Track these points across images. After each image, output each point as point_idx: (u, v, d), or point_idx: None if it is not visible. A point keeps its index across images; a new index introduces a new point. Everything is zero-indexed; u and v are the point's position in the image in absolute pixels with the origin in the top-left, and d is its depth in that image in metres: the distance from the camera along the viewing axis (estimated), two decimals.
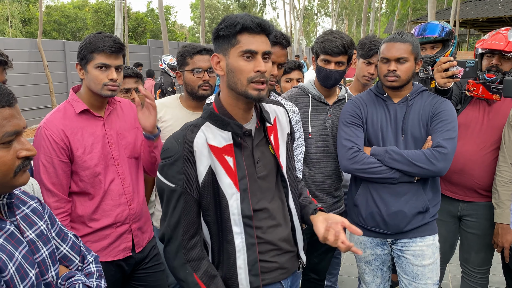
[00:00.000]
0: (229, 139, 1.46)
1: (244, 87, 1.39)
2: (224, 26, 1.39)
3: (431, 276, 2.16)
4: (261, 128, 1.56)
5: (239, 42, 1.38)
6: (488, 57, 2.48)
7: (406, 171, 2.03)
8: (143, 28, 26.08)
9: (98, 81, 1.90)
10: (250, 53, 1.38)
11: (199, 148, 1.43)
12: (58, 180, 1.89)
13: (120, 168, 2.01)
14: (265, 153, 1.55)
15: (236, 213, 1.44)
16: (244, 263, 1.46)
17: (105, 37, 1.90)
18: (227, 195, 1.44)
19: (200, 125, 1.47)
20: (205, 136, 1.45)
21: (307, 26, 45.35)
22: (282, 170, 1.57)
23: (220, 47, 1.42)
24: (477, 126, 2.48)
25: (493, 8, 18.51)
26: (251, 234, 1.46)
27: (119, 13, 10.38)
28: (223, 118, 1.46)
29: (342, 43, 2.22)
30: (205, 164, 1.43)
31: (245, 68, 1.38)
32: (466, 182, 2.51)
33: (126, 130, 2.08)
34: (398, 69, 2.06)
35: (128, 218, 2.02)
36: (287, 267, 1.57)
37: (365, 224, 2.20)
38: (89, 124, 1.96)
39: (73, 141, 1.90)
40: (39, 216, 1.25)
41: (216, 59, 1.45)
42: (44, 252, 1.20)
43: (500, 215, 2.37)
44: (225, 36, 1.39)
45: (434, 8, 11.26)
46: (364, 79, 2.91)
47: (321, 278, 2.66)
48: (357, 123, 2.17)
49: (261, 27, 1.38)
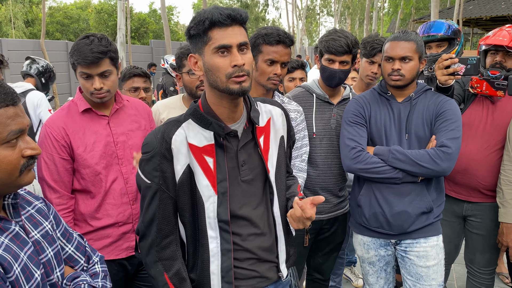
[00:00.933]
0: (210, 139, 1.40)
1: (225, 84, 1.32)
2: (194, 24, 1.32)
3: (436, 277, 2.14)
4: (250, 129, 1.47)
5: (211, 38, 1.30)
6: (492, 54, 2.46)
7: (410, 171, 2.01)
8: (146, 29, 26.13)
9: (85, 89, 1.92)
10: (224, 48, 1.30)
11: (177, 146, 1.37)
12: (59, 177, 1.91)
13: (124, 167, 2.00)
14: (253, 156, 1.47)
15: (212, 217, 1.40)
16: (217, 268, 1.42)
17: (84, 46, 1.85)
18: (204, 197, 1.39)
19: (181, 121, 1.41)
20: (185, 134, 1.39)
21: (310, 25, 45.31)
22: (269, 175, 1.48)
23: (195, 47, 1.36)
24: (481, 125, 2.46)
25: (497, 6, 18.43)
26: (227, 239, 1.41)
27: (121, 13, 10.39)
28: (206, 117, 1.39)
29: (347, 42, 2.21)
30: (183, 163, 1.38)
31: (222, 64, 1.30)
32: (470, 182, 2.49)
33: (134, 131, 2.07)
34: (402, 68, 2.04)
35: (130, 217, 2.02)
36: (267, 276, 1.51)
37: (369, 225, 2.19)
38: (92, 122, 1.97)
39: (74, 139, 1.92)
40: (44, 216, 1.25)
41: (193, 59, 1.38)
42: (50, 253, 1.20)
43: (504, 214, 2.35)
44: (196, 34, 1.33)
45: (437, 7, 11.22)
46: (368, 78, 2.90)
47: (326, 278, 2.65)
48: (361, 122, 2.16)
49: (231, 18, 1.30)
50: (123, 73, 2.78)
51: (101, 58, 1.87)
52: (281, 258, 1.54)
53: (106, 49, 1.88)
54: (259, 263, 1.48)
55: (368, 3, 24.33)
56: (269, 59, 2.06)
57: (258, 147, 1.48)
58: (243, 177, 1.44)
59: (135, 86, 2.77)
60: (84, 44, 1.87)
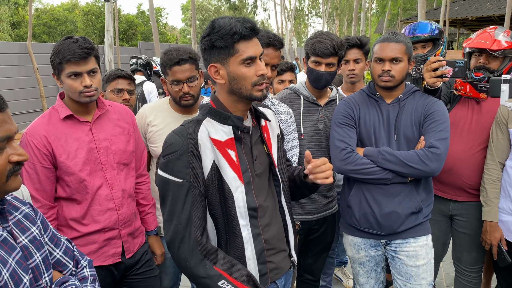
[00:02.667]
0: (230, 133, 1.48)
1: (249, 92, 1.44)
2: (219, 36, 1.39)
3: (425, 276, 2.17)
4: (257, 126, 1.59)
5: (238, 51, 1.40)
6: (476, 56, 2.49)
7: (399, 172, 2.03)
8: (134, 30, 25.97)
9: (73, 89, 1.88)
10: (251, 59, 1.41)
11: (203, 142, 1.44)
12: (41, 186, 1.88)
13: (108, 173, 1.98)
14: (261, 151, 1.58)
15: (242, 206, 1.47)
16: (252, 253, 1.49)
17: (71, 44, 1.84)
18: (232, 188, 1.46)
19: (201, 120, 1.49)
20: (207, 131, 1.46)
21: (298, 27, 45.42)
22: (275, 168, 1.59)
23: (216, 57, 1.43)
24: (466, 125, 2.49)
25: (482, 7, 18.69)
26: (255, 225, 1.50)
27: (109, 15, 10.32)
28: (223, 113, 1.48)
29: (332, 44, 2.23)
30: (210, 158, 1.44)
31: (248, 74, 1.42)
32: (455, 182, 2.52)
33: (117, 136, 2.05)
34: (392, 69, 2.06)
35: (117, 223, 2.00)
36: (281, 266, 1.60)
37: (359, 225, 2.21)
38: (74, 129, 1.93)
39: (56, 147, 1.88)
40: (31, 221, 1.24)
41: (214, 69, 1.45)
42: (38, 258, 1.19)
43: (488, 212, 2.39)
44: (222, 47, 1.40)
45: (424, 8, 11.33)
46: (349, 78, 2.94)
47: (316, 279, 2.66)
48: (350, 123, 2.17)
49: (254, 31, 1.41)
50: (107, 75, 2.76)
51: (90, 54, 1.87)
52: (291, 244, 1.66)
53: (92, 46, 1.89)
54: (274, 254, 1.57)
55: (356, 4, 24.47)
56: None
57: (264, 143, 1.59)
58: (256, 170, 1.54)
59: (119, 87, 2.75)
60: (70, 43, 1.85)
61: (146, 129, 2.35)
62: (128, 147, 2.08)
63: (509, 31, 2.44)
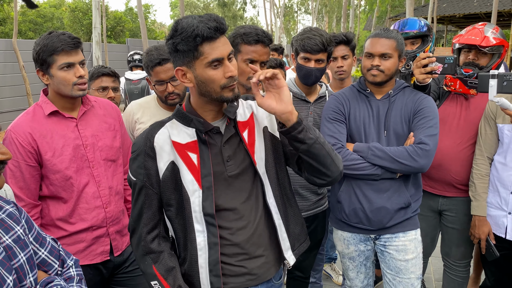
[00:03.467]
0: (193, 136, 1.46)
1: (219, 94, 1.38)
2: (182, 39, 1.32)
3: (414, 270, 2.19)
4: (231, 124, 1.51)
5: (202, 53, 1.33)
6: (465, 52, 2.51)
7: (389, 168, 2.04)
8: (122, 27, 25.74)
9: (66, 82, 1.83)
10: (218, 61, 1.34)
11: (160, 144, 1.44)
12: (25, 185, 1.84)
13: (95, 170, 1.95)
14: (238, 151, 1.50)
15: (197, 210, 1.44)
16: (205, 262, 1.45)
17: (60, 35, 1.82)
18: (189, 192, 1.44)
19: (165, 122, 1.50)
20: (169, 132, 1.46)
21: (288, 23, 45.44)
22: (257, 167, 1.51)
23: (182, 60, 1.37)
24: (455, 121, 2.51)
25: (469, 4, 18.88)
26: (213, 233, 1.45)
27: (97, 12, 10.21)
28: (187, 115, 1.46)
29: (322, 40, 2.22)
30: (166, 160, 1.44)
31: (216, 77, 1.35)
32: (444, 177, 2.54)
33: (103, 132, 2.02)
34: (382, 64, 2.07)
35: (104, 221, 1.97)
36: (257, 273, 1.51)
37: (348, 220, 2.21)
38: (60, 126, 1.89)
39: (42, 144, 1.84)
40: (15, 221, 1.22)
41: (180, 72, 1.40)
42: (22, 258, 1.17)
43: (476, 207, 2.41)
44: (185, 50, 1.33)
45: (412, 5, 11.41)
46: (337, 74, 2.94)
47: (306, 276, 2.66)
48: (340, 119, 2.17)
49: (218, 30, 1.32)
50: (91, 73, 2.72)
51: (80, 45, 1.86)
52: (284, 246, 1.56)
53: (80, 40, 1.88)
54: (248, 259, 1.50)
55: (345, 1, 24.55)
56: (248, 59, 2.05)
57: (242, 141, 1.50)
58: (230, 172, 1.48)
59: (104, 85, 2.71)
60: (58, 35, 1.83)
61: (134, 127, 2.33)
62: (114, 143, 2.05)
63: (498, 28, 2.46)
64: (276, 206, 1.56)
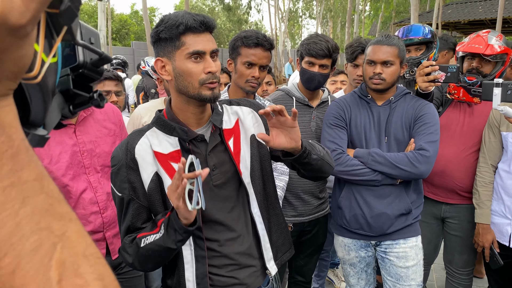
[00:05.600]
0: (176, 145, 1.37)
1: (197, 90, 1.31)
2: (165, 27, 1.29)
3: (415, 277, 2.17)
4: (217, 132, 1.45)
5: (184, 43, 1.29)
6: (469, 59, 2.49)
7: (389, 174, 2.03)
8: (127, 30, 25.88)
9: None
10: (198, 54, 1.29)
11: (141, 155, 1.36)
12: None
13: (92, 177, 1.94)
14: (224, 159, 1.45)
15: None
16: (192, 275, 1.41)
17: None
18: None
19: (145, 131, 1.40)
20: (149, 142, 1.37)
21: (292, 28, 45.54)
22: (242, 177, 1.46)
23: (163, 50, 1.32)
24: (458, 127, 2.50)
25: (474, 10, 18.85)
26: (201, 246, 1.40)
27: (102, 15, 10.27)
28: (168, 123, 1.37)
29: (327, 46, 2.23)
30: (149, 171, 1.36)
31: (195, 70, 1.30)
32: (447, 184, 2.53)
33: (102, 137, 2.00)
34: (383, 72, 2.06)
35: (101, 226, 1.97)
36: (247, 282, 1.48)
37: (349, 226, 2.20)
38: (57, 133, 1.88)
39: (38, 151, 1.81)
40: None
41: (160, 63, 1.34)
42: None
43: (480, 215, 2.39)
44: (167, 38, 1.29)
45: (417, 10, 11.41)
46: (355, 82, 2.92)
47: (308, 280, 2.65)
48: (341, 125, 2.17)
49: (204, 25, 1.30)
50: None
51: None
52: (266, 256, 1.52)
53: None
54: (238, 269, 1.46)
55: (349, 6, 24.60)
56: (247, 62, 2.06)
57: (227, 150, 1.45)
58: (215, 181, 1.42)
59: (106, 89, 2.66)
60: None
61: None
62: (113, 149, 2.05)
63: (501, 35, 2.45)
64: (261, 215, 1.51)
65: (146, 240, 1.33)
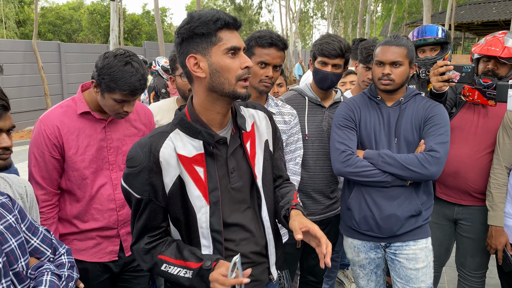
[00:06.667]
0: (200, 148, 1.35)
1: (233, 86, 1.30)
2: (200, 23, 1.26)
3: (425, 279, 2.16)
4: (237, 134, 1.44)
5: (221, 39, 1.28)
6: (484, 61, 2.47)
7: (399, 175, 2.02)
8: (139, 30, 26.07)
9: (112, 109, 1.85)
10: (235, 49, 1.29)
11: (166, 158, 1.33)
12: (48, 175, 1.89)
13: (114, 173, 1.97)
14: (240, 162, 1.45)
15: (204, 227, 1.38)
16: None
17: (132, 76, 1.77)
18: (196, 208, 1.36)
19: (168, 132, 1.36)
20: (174, 145, 1.34)
21: (303, 28, 45.47)
22: (256, 180, 1.46)
23: (197, 47, 1.29)
24: (472, 129, 2.48)
25: (488, 11, 18.66)
26: (219, 249, 1.40)
27: (114, 14, 10.35)
28: (194, 125, 1.34)
29: (340, 46, 2.23)
30: (172, 175, 1.34)
31: (233, 66, 1.29)
32: (460, 185, 2.51)
33: (130, 136, 2.03)
34: (392, 72, 2.06)
35: (116, 223, 2.00)
36: (261, 279, 1.51)
37: (359, 228, 2.20)
38: (88, 126, 1.93)
39: (67, 140, 1.88)
40: (8, 210, 1.32)
41: (193, 60, 1.30)
42: (13, 243, 1.27)
43: (493, 217, 2.37)
44: (204, 34, 1.27)
45: (430, 11, 11.33)
46: (364, 84, 2.91)
47: (319, 280, 2.66)
48: (351, 126, 2.17)
49: (237, 22, 1.31)
50: None
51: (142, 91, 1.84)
52: (271, 261, 1.54)
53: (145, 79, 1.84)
54: (253, 266, 1.47)
55: (361, 7, 24.48)
56: (261, 61, 2.07)
57: (245, 153, 1.46)
58: (233, 184, 1.42)
59: None
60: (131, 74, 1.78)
61: None
62: None
63: None
64: (269, 220, 1.53)
65: (169, 269, 1.36)
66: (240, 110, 1.47)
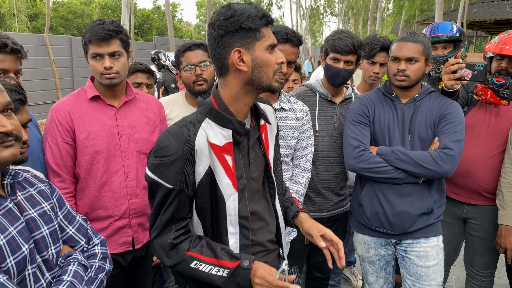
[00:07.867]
0: (229, 137, 1.38)
1: (270, 80, 1.35)
2: (248, 17, 1.29)
3: (435, 277, 2.16)
4: (256, 126, 1.49)
5: (264, 35, 1.33)
6: (498, 60, 2.44)
7: (412, 172, 2.02)
8: (149, 25, 26.15)
9: (95, 70, 1.92)
10: (273, 46, 1.36)
11: (200, 147, 1.34)
12: (62, 162, 1.92)
13: (127, 160, 1.99)
14: (258, 153, 1.50)
15: (233, 214, 1.40)
16: None
17: (95, 26, 1.89)
18: (225, 196, 1.39)
19: (200, 121, 1.38)
20: (206, 134, 1.36)
21: (313, 25, 45.23)
22: (271, 171, 1.52)
23: (241, 41, 1.31)
24: (483, 128, 2.46)
25: (501, 10, 18.41)
26: (246, 235, 1.43)
27: (125, 9, 10.40)
28: (224, 115, 1.37)
29: (352, 42, 2.23)
30: (205, 164, 1.36)
31: (272, 61, 1.35)
32: (470, 185, 2.49)
33: (141, 125, 2.06)
34: (408, 68, 2.05)
35: (127, 212, 2.00)
36: (274, 265, 1.55)
37: (370, 224, 2.20)
38: (99, 111, 1.97)
39: (78, 125, 1.92)
40: (45, 197, 1.32)
41: (237, 54, 1.32)
42: (45, 231, 1.26)
43: (504, 216, 2.36)
44: (251, 29, 1.30)
45: (442, 9, 11.20)
46: (371, 79, 2.91)
47: (326, 277, 2.66)
48: (364, 122, 2.16)
49: (273, 20, 1.38)
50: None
51: (112, 37, 1.89)
52: (285, 249, 1.61)
53: (117, 29, 1.92)
54: (267, 254, 1.53)
55: (372, 4, 24.29)
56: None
57: (261, 144, 1.50)
58: (252, 174, 1.46)
59: (138, 81, 2.76)
60: (96, 24, 1.91)
61: None
62: (152, 137, 2.08)
63: None
64: (281, 210, 1.59)
65: (200, 266, 1.35)
66: (259, 104, 1.52)
